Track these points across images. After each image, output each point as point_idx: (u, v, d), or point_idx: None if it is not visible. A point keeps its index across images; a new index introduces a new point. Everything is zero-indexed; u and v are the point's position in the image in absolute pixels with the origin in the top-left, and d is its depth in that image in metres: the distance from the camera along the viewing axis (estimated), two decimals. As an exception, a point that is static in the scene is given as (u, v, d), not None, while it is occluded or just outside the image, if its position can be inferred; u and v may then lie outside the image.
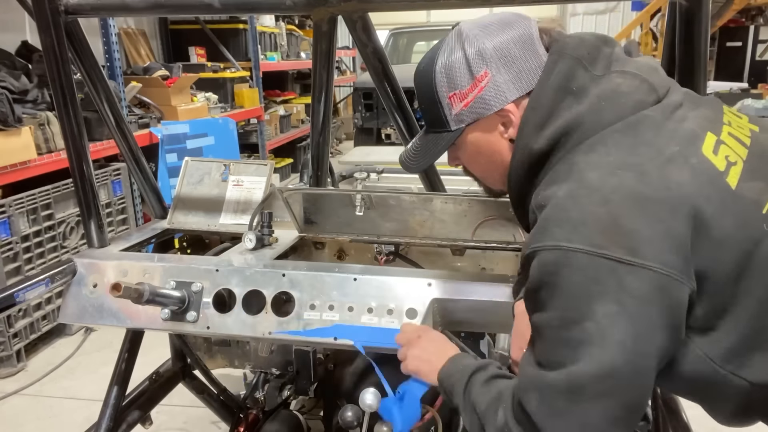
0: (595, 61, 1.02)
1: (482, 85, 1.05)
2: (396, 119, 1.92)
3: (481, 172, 1.21)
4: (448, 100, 1.10)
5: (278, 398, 1.87)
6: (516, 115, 1.06)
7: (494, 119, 1.08)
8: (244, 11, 4.52)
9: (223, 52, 6.39)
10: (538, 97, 1.03)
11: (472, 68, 1.05)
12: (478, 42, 1.05)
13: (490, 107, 1.07)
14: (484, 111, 1.07)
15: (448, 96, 1.09)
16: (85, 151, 1.67)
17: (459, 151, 1.18)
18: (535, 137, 1.01)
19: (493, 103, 1.06)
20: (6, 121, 3.27)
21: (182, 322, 1.49)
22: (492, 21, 1.08)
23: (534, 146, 1.01)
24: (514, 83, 1.05)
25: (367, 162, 3.48)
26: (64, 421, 2.94)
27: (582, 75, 1.01)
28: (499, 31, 1.06)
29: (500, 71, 1.04)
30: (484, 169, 1.19)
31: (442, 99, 1.10)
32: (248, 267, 1.52)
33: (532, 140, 1.02)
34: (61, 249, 3.74)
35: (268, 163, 1.98)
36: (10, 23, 4.30)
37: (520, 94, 1.05)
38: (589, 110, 0.98)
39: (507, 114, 1.07)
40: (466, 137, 1.13)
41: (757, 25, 11.02)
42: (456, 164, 1.23)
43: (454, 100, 1.09)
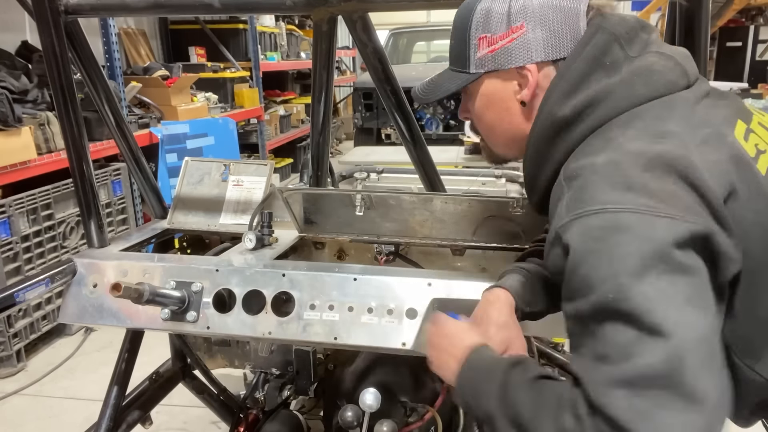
0: (631, 42, 1.00)
1: (514, 36, 1.04)
2: (396, 119, 1.92)
3: (486, 130, 1.18)
4: (477, 41, 1.08)
5: (278, 398, 1.87)
6: (534, 78, 1.04)
7: (512, 75, 1.07)
8: (244, 11, 4.52)
9: (223, 52, 6.40)
10: (569, 65, 1.01)
11: (511, 17, 1.04)
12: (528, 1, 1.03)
13: (513, 61, 1.05)
14: (506, 62, 1.06)
15: (478, 37, 1.08)
16: (85, 151, 1.67)
17: (470, 101, 1.16)
18: (560, 104, 0.99)
19: (517, 57, 1.05)
20: (6, 121, 3.27)
21: (182, 322, 1.49)
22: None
23: (558, 113, 0.99)
24: (544, 45, 1.03)
25: (367, 162, 3.48)
26: (64, 421, 2.94)
27: (617, 51, 0.99)
28: None
29: (536, 29, 1.03)
30: (490, 126, 1.16)
31: (472, 38, 1.09)
32: (248, 267, 1.52)
33: (557, 107, 1.00)
34: (61, 249, 3.74)
35: (268, 163, 1.97)
36: (10, 23, 4.30)
37: (545, 59, 1.04)
38: (620, 83, 0.97)
39: (526, 73, 1.05)
40: (480, 85, 1.11)
41: (757, 25, 11.01)
42: (465, 116, 1.21)
43: (482, 42, 1.07)
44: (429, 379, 1.68)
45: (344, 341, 1.39)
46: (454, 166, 3.83)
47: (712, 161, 0.88)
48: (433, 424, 1.60)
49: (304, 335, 1.42)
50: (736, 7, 9.64)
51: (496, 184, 2.91)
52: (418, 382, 1.66)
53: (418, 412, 1.59)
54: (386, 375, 1.64)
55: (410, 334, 1.34)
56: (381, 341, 1.36)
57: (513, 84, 1.07)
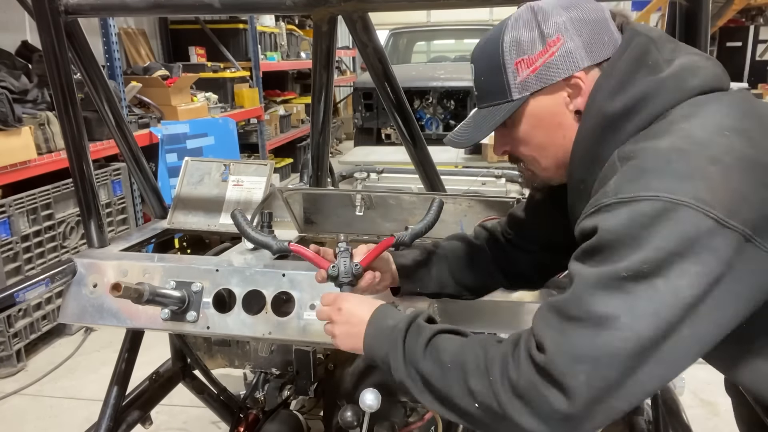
0: (664, 47, 1.01)
1: (554, 49, 1.01)
2: (396, 119, 1.92)
3: (536, 152, 1.11)
4: (515, 66, 1.04)
5: (278, 398, 1.87)
6: (586, 84, 1.02)
7: (560, 87, 1.03)
8: (244, 11, 4.53)
9: (223, 52, 6.40)
10: (613, 65, 1.00)
11: (545, 33, 1.02)
12: (554, 14, 1.02)
13: (560, 73, 1.02)
14: (552, 77, 1.03)
15: (515, 62, 1.04)
16: (85, 151, 1.68)
17: (513, 129, 1.10)
18: (609, 101, 0.98)
19: (563, 68, 1.02)
20: (6, 121, 3.27)
21: (182, 322, 1.49)
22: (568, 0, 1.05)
23: (608, 109, 0.98)
24: (586, 50, 1.01)
25: (367, 162, 3.48)
26: (64, 421, 2.94)
27: (655, 53, 0.99)
28: (576, 6, 1.03)
29: (573, 38, 1.01)
30: (541, 147, 1.10)
31: (508, 65, 1.05)
32: (248, 267, 1.52)
33: (606, 104, 0.98)
34: (61, 249, 3.74)
35: (268, 163, 1.97)
36: (10, 23, 4.30)
37: (591, 63, 1.02)
38: (669, 77, 0.96)
39: (576, 81, 1.02)
40: (526, 109, 1.06)
41: (757, 25, 11.01)
42: (504, 151, 1.17)
43: (520, 66, 1.04)
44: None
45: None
46: (454, 166, 3.83)
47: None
48: (433, 424, 1.60)
49: (304, 335, 1.42)
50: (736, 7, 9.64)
51: (496, 184, 2.92)
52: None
53: (418, 412, 1.60)
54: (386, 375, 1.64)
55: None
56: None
57: (563, 96, 1.04)
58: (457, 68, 7.26)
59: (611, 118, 0.97)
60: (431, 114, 6.78)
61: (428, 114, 6.79)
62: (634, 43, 1.00)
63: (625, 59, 0.99)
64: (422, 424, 1.59)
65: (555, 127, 1.06)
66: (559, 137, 1.06)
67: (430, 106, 6.76)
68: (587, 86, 1.02)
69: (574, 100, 1.03)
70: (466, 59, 8.23)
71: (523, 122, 1.08)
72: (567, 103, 1.04)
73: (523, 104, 1.06)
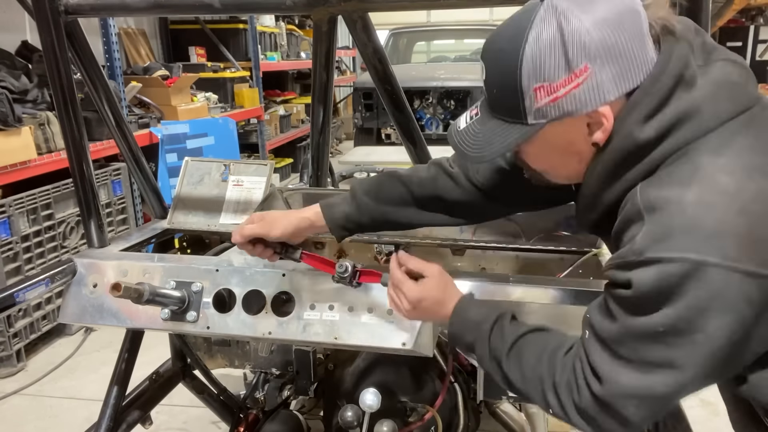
0: (698, 50, 0.94)
1: (579, 80, 0.90)
2: (396, 119, 1.93)
3: (545, 168, 1.08)
4: (533, 91, 0.93)
5: (278, 398, 1.87)
6: (609, 121, 0.93)
7: (582, 119, 0.94)
8: (244, 11, 4.53)
9: (223, 52, 6.39)
10: (653, 83, 0.90)
11: (570, 60, 0.89)
12: (583, 32, 0.88)
13: (583, 107, 0.92)
14: (574, 111, 0.93)
15: (534, 87, 0.92)
16: (85, 151, 1.68)
17: (527, 145, 1.03)
18: (641, 126, 0.90)
19: (588, 103, 0.92)
20: (6, 121, 3.27)
21: (182, 322, 1.49)
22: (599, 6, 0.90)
23: (640, 136, 0.91)
24: (616, 82, 0.91)
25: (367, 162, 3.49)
26: (64, 421, 2.94)
27: (692, 64, 0.92)
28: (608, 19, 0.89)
29: (603, 67, 0.89)
30: (553, 167, 1.07)
31: (525, 89, 0.93)
32: (248, 267, 1.52)
33: (638, 130, 0.91)
34: (61, 249, 3.74)
35: (268, 163, 1.98)
36: (10, 23, 4.30)
37: (620, 95, 0.92)
38: (705, 97, 0.90)
39: (599, 117, 0.93)
40: (540, 133, 0.98)
41: (757, 25, 11.01)
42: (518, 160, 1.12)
43: (540, 92, 0.92)
44: (429, 379, 1.68)
45: (344, 341, 1.39)
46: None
47: None
48: (433, 424, 1.60)
49: (304, 335, 1.42)
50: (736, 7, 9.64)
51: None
52: (418, 382, 1.66)
53: (418, 412, 1.59)
54: (386, 375, 1.64)
55: (410, 334, 1.34)
56: (381, 341, 1.36)
57: (582, 127, 0.96)
58: (457, 68, 7.27)
59: (643, 145, 0.91)
60: (431, 114, 6.78)
61: (428, 114, 6.79)
62: (673, 58, 0.91)
63: (668, 74, 0.90)
64: (422, 424, 1.59)
65: (571, 155, 1.01)
66: (574, 162, 1.02)
67: (430, 106, 6.76)
68: (609, 123, 0.93)
69: (595, 133, 0.95)
70: (466, 59, 8.29)
71: (535, 144, 1.01)
72: (586, 134, 0.96)
73: (540, 129, 0.97)
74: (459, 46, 9.21)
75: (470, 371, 1.71)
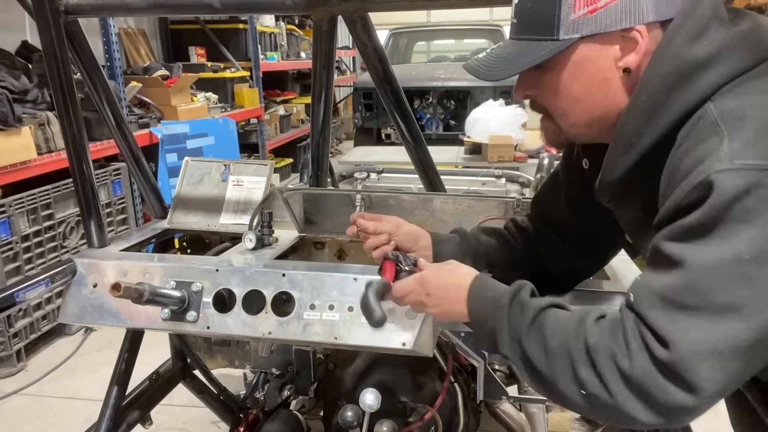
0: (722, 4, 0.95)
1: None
2: (396, 119, 1.93)
3: (568, 105, 1.00)
4: None
5: (278, 398, 1.87)
6: (645, 42, 0.91)
7: (615, 39, 0.92)
8: (244, 11, 4.53)
9: (223, 52, 6.40)
10: (692, 10, 0.90)
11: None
12: None
13: (621, 22, 0.90)
14: (611, 24, 0.90)
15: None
16: (85, 151, 1.68)
17: (548, 74, 0.98)
18: (689, 47, 0.87)
19: (625, 17, 0.90)
20: (6, 121, 3.27)
21: (182, 322, 1.49)
22: None
23: (688, 55, 0.87)
24: (654, 3, 0.90)
25: (367, 162, 3.49)
26: (64, 421, 2.94)
27: (723, 10, 0.92)
28: None
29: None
30: (575, 100, 0.99)
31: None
32: (248, 267, 1.52)
33: (685, 50, 0.88)
34: (61, 249, 3.74)
35: (268, 163, 1.98)
36: (10, 23, 4.30)
37: (657, 18, 0.91)
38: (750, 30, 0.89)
39: (635, 36, 0.91)
40: (571, 54, 0.94)
41: (757, 25, 11.02)
42: (526, 95, 1.05)
43: (579, 1, 0.90)
44: (429, 379, 1.68)
45: (344, 341, 1.39)
46: (454, 166, 3.84)
47: None
48: (433, 424, 1.60)
49: (304, 335, 1.42)
50: (736, 7, 9.63)
51: (496, 184, 2.92)
52: (418, 382, 1.66)
53: (418, 412, 1.60)
54: (386, 375, 1.65)
55: (410, 334, 1.34)
56: (381, 341, 1.36)
57: (614, 49, 0.93)
58: (457, 68, 7.26)
59: (692, 64, 0.87)
60: (431, 114, 6.78)
61: (428, 114, 6.79)
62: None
63: (703, 7, 0.89)
64: (422, 424, 1.59)
65: (598, 83, 0.95)
66: (600, 94, 0.96)
67: (430, 106, 6.76)
68: (644, 44, 0.91)
69: (626, 56, 0.92)
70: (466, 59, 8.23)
71: (563, 68, 0.96)
72: (618, 58, 0.93)
73: (569, 48, 0.93)
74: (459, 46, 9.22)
75: (470, 371, 1.71)
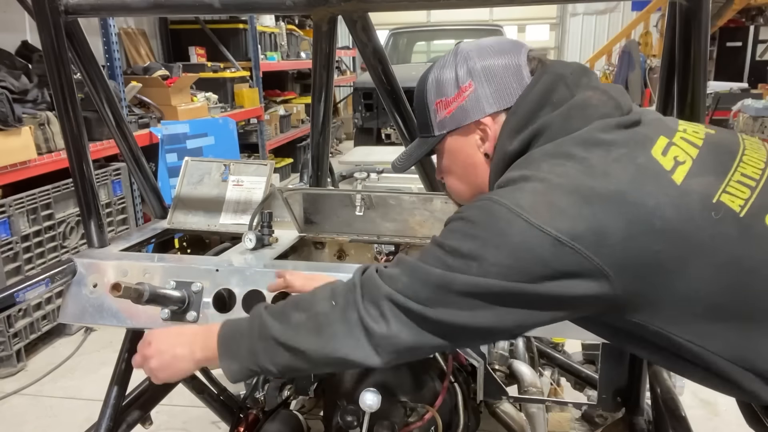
0: (576, 84, 1.10)
1: (465, 95, 1.14)
2: (396, 119, 1.93)
3: (456, 184, 1.25)
4: (435, 105, 1.19)
5: (278, 398, 1.87)
6: (492, 129, 1.13)
7: (472, 130, 1.16)
8: (244, 11, 4.52)
9: (223, 52, 6.39)
10: (519, 105, 1.10)
11: (459, 80, 1.15)
12: (470, 60, 1.15)
13: (469, 117, 1.15)
14: (463, 119, 1.15)
15: (435, 102, 1.19)
16: (85, 151, 1.68)
17: (440, 161, 1.25)
18: (510, 140, 1.09)
19: (472, 113, 1.14)
20: (6, 121, 3.27)
21: (182, 322, 1.49)
22: (489, 44, 1.17)
23: (508, 148, 1.09)
24: (494, 98, 1.13)
25: (367, 162, 3.49)
26: (64, 421, 2.94)
27: (563, 90, 1.08)
28: (492, 54, 1.15)
29: (483, 85, 1.13)
30: (459, 178, 1.24)
31: (430, 104, 1.20)
32: (248, 267, 1.52)
33: (507, 143, 1.09)
34: (61, 249, 3.74)
35: (268, 163, 1.98)
36: (10, 23, 4.30)
37: (498, 109, 1.13)
38: (559, 115, 1.06)
39: (484, 127, 1.14)
40: (445, 144, 1.20)
41: (757, 25, 11.02)
42: (440, 176, 1.29)
43: (440, 106, 1.18)
44: (429, 379, 1.68)
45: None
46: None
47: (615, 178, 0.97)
48: (433, 424, 1.60)
49: (304, 335, 1.42)
50: (736, 7, 9.65)
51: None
52: (418, 382, 1.66)
53: (418, 412, 1.59)
54: (386, 375, 1.64)
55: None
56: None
57: (474, 138, 1.16)
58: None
59: (510, 156, 1.08)
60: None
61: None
62: (541, 81, 1.10)
63: (531, 97, 1.09)
64: (422, 424, 1.59)
65: (469, 166, 1.19)
66: (472, 175, 1.19)
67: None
68: (493, 131, 1.13)
69: (484, 144, 1.15)
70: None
71: (444, 156, 1.22)
72: (478, 146, 1.16)
73: (442, 140, 1.20)
74: (459, 46, 9.19)
75: (470, 371, 1.71)
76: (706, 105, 1.57)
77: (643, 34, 10.50)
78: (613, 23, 12.51)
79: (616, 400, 1.63)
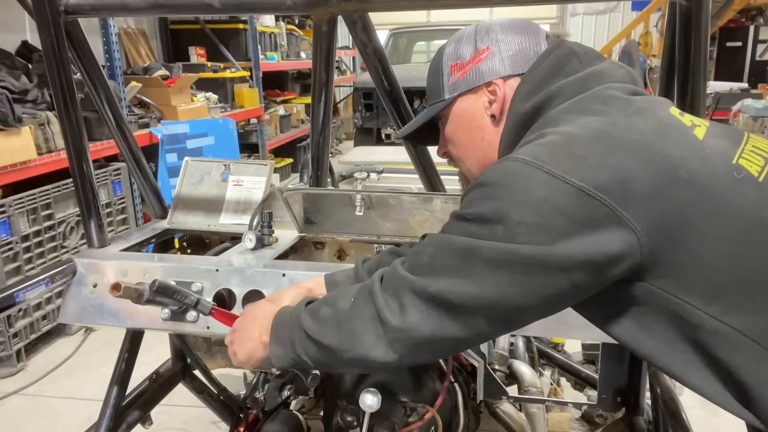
0: (589, 61, 1.11)
1: (482, 57, 1.14)
2: (396, 119, 1.92)
3: (460, 152, 1.23)
4: (449, 68, 1.18)
5: (278, 398, 1.87)
6: (502, 90, 1.13)
7: (483, 92, 1.15)
8: (244, 11, 4.52)
9: (223, 52, 6.39)
10: (532, 72, 1.11)
11: (478, 42, 1.15)
12: (492, 30, 1.16)
13: (482, 78, 1.14)
14: (476, 80, 1.15)
15: (450, 65, 1.18)
16: (85, 151, 1.68)
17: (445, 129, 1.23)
18: (522, 102, 1.09)
19: (486, 74, 1.14)
20: (6, 121, 3.27)
21: (182, 322, 1.49)
22: (510, 20, 1.18)
23: (521, 109, 1.09)
24: (510, 61, 1.13)
25: (367, 162, 3.49)
26: (64, 421, 2.94)
27: (575, 63, 1.09)
28: (513, 27, 1.16)
29: (500, 49, 1.14)
30: (463, 146, 1.22)
31: (444, 68, 1.19)
32: (248, 267, 1.52)
33: (520, 105, 1.09)
34: (61, 249, 3.74)
35: (268, 163, 1.98)
36: (10, 23, 4.30)
37: (512, 72, 1.13)
38: (574, 81, 1.06)
39: (494, 87, 1.13)
40: (452, 108, 1.19)
41: (757, 25, 11.02)
42: (443, 152, 1.28)
43: (453, 69, 1.18)
44: (429, 379, 1.68)
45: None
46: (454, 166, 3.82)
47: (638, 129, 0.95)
48: (433, 424, 1.60)
49: (304, 335, 1.42)
50: (736, 7, 9.65)
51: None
52: (418, 382, 1.66)
53: (418, 412, 1.59)
54: (386, 375, 1.64)
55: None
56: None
57: (483, 100, 1.15)
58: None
59: (522, 117, 1.08)
60: (431, 114, 6.78)
61: (428, 114, 6.78)
62: (554, 53, 1.11)
63: (543, 67, 1.10)
64: (422, 424, 1.59)
65: (474, 129, 1.17)
66: (478, 139, 1.17)
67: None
68: (503, 92, 1.13)
69: (492, 106, 1.14)
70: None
71: (450, 121, 1.21)
72: (486, 108, 1.15)
73: (451, 103, 1.18)
74: (459, 46, 9.19)
75: (470, 371, 1.71)
76: (706, 105, 1.57)
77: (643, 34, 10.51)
78: (613, 23, 12.51)
79: (616, 400, 1.63)
